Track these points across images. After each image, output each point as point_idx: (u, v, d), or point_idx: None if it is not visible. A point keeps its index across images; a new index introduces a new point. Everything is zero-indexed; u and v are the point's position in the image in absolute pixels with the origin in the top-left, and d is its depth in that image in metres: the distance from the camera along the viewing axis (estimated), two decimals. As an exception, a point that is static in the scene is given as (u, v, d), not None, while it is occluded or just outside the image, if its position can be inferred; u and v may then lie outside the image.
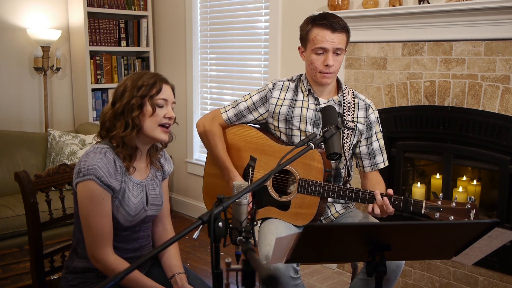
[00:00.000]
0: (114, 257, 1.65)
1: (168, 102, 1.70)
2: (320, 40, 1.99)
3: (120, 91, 1.67)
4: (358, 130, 2.13)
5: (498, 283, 2.60)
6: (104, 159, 1.62)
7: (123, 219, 1.67)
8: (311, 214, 2.01)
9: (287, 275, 1.85)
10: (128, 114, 1.64)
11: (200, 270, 3.32)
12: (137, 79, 1.67)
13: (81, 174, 1.60)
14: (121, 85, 1.69)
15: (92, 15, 4.21)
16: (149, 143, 1.75)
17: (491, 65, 2.53)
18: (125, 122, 1.64)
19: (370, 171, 2.19)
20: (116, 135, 1.65)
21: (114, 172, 1.63)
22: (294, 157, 1.51)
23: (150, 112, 1.65)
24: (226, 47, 4.07)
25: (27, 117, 4.19)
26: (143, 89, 1.65)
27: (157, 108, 1.66)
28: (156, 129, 1.67)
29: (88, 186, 1.60)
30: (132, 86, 1.65)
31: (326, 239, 1.31)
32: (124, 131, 1.64)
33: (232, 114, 2.21)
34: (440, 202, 1.84)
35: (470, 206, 1.80)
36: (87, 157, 1.62)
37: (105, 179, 1.60)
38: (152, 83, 1.66)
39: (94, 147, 1.66)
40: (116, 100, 1.67)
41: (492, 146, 2.58)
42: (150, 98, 1.65)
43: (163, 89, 1.68)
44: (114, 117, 1.66)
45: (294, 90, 2.16)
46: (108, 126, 1.68)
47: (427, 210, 1.85)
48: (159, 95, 1.67)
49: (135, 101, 1.63)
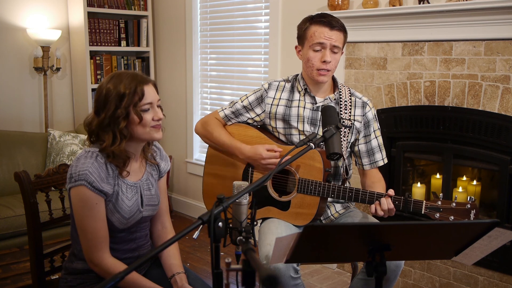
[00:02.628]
0: (111, 260, 1.64)
1: (153, 104, 1.65)
2: (318, 36, 2.01)
3: (102, 99, 1.61)
4: (356, 128, 2.13)
5: (498, 283, 2.60)
6: (95, 164, 1.59)
7: (118, 222, 1.66)
8: (311, 214, 2.01)
9: (287, 275, 1.85)
10: (114, 126, 1.60)
11: (200, 270, 3.32)
12: (117, 85, 1.60)
13: (73, 179, 1.58)
14: (102, 91, 1.61)
15: (92, 15, 4.21)
16: (142, 143, 1.72)
17: (491, 65, 2.53)
18: (113, 135, 1.60)
19: (369, 169, 2.19)
20: (106, 149, 1.61)
21: (106, 176, 1.61)
22: (294, 157, 1.51)
23: (137, 120, 1.61)
24: (226, 47, 4.07)
25: (27, 117, 4.19)
26: (126, 100, 1.58)
27: (143, 114, 1.62)
28: (148, 131, 1.64)
29: (80, 191, 1.58)
30: (115, 94, 1.59)
31: (326, 239, 1.31)
32: (112, 144, 1.60)
33: (229, 112, 2.23)
34: (440, 202, 1.84)
35: (470, 206, 1.80)
36: (78, 161, 1.60)
37: (97, 184, 1.58)
38: (133, 90, 1.59)
39: (85, 151, 1.63)
40: (99, 109, 1.62)
41: (492, 146, 2.58)
42: (134, 106, 1.60)
43: (145, 93, 1.62)
44: (101, 128, 1.61)
45: (290, 90, 2.17)
46: (96, 133, 1.64)
47: (427, 211, 1.85)
48: (143, 101, 1.61)
49: (120, 112, 1.58)
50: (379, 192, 1.92)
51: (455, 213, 1.81)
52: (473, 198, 1.83)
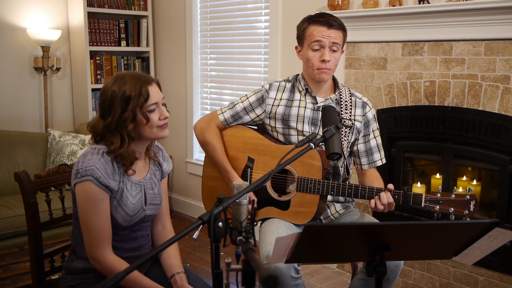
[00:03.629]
0: (113, 258, 1.65)
1: (158, 104, 1.67)
2: (316, 35, 2.02)
3: (107, 103, 1.61)
4: (356, 128, 2.14)
5: (498, 283, 2.60)
6: (102, 160, 1.61)
7: (122, 219, 1.67)
8: (312, 212, 2.01)
9: (288, 275, 1.85)
10: (122, 129, 1.61)
11: (200, 270, 3.32)
12: (121, 87, 1.60)
13: (79, 175, 1.59)
14: (107, 94, 1.62)
15: (92, 15, 4.21)
16: (149, 142, 1.75)
17: (491, 65, 2.53)
18: (121, 138, 1.62)
19: (367, 168, 2.19)
20: (115, 151, 1.62)
21: (112, 173, 1.63)
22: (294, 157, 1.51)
23: (144, 121, 1.63)
24: (226, 47, 4.07)
25: (27, 117, 4.19)
26: (132, 102, 1.60)
27: (149, 114, 1.63)
28: (155, 132, 1.67)
29: (86, 187, 1.59)
30: (120, 97, 1.60)
31: (326, 239, 1.31)
32: (121, 147, 1.61)
33: (229, 115, 2.21)
34: (439, 194, 1.84)
35: (470, 197, 1.80)
36: (85, 158, 1.61)
37: (103, 180, 1.59)
38: (138, 91, 1.60)
39: (91, 148, 1.65)
40: (105, 113, 1.63)
41: (492, 146, 2.58)
42: (140, 108, 1.62)
43: (150, 93, 1.63)
44: (108, 131, 1.62)
45: (290, 90, 2.17)
46: (102, 136, 1.65)
47: (427, 203, 1.84)
48: (148, 102, 1.63)
49: (127, 115, 1.60)
50: (378, 187, 1.92)
51: (455, 205, 1.81)
52: (471, 189, 1.82)
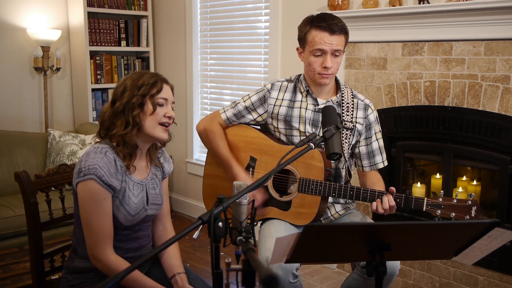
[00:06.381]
0: (114, 257, 1.65)
1: (168, 102, 1.72)
2: (318, 42, 1.99)
3: (120, 91, 1.68)
4: (357, 130, 2.13)
5: (498, 283, 2.60)
6: (105, 159, 1.62)
7: (124, 218, 1.68)
8: (312, 213, 2.01)
9: (286, 281, 1.85)
10: (128, 112, 1.65)
11: (200, 270, 3.32)
12: (137, 79, 1.68)
13: (82, 173, 1.60)
14: (121, 85, 1.70)
15: (92, 15, 4.21)
16: (149, 141, 1.76)
17: (491, 65, 2.53)
18: (126, 121, 1.65)
19: (369, 170, 2.19)
20: (116, 133, 1.66)
21: (114, 172, 1.64)
22: (294, 157, 1.51)
23: (151, 110, 1.67)
24: (226, 47, 4.07)
25: (27, 117, 4.19)
26: (143, 88, 1.66)
27: (157, 107, 1.68)
28: (156, 127, 1.69)
29: (88, 185, 1.60)
30: (133, 85, 1.67)
31: (326, 239, 1.31)
32: (124, 129, 1.65)
33: (231, 114, 2.21)
34: (441, 199, 1.84)
35: (471, 203, 1.80)
36: (88, 156, 1.62)
37: (106, 179, 1.60)
38: (152, 82, 1.68)
39: (94, 147, 1.66)
40: (116, 99, 1.68)
41: (492, 146, 2.58)
42: (151, 97, 1.67)
43: (163, 88, 1.70)
44: (114, 115, 1.67)
45: (292, 91, 2.17)
46: (107, 125, 1.69)
47: (429, 208, 1.84)
48: (160, 94, 1.68)
49: (135, 99, 1.65)
50: (380, 190, 1.92)
51: (457, 210, 1.81)
52: (473, 194, 1.83)
